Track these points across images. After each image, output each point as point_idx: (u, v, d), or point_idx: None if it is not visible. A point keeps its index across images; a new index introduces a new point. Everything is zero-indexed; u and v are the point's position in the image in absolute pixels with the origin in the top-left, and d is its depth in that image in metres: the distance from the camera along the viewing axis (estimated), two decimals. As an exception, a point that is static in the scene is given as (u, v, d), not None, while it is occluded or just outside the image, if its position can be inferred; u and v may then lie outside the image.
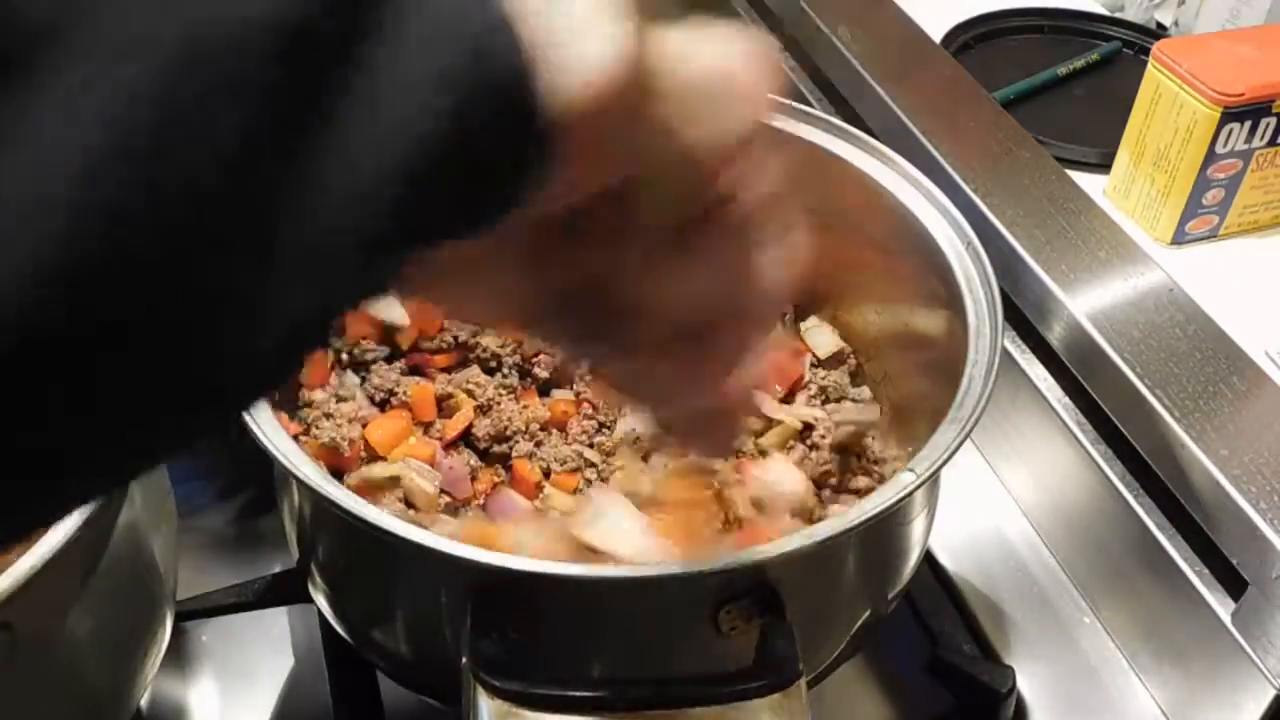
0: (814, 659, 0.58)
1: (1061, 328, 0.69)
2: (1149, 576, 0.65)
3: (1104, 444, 0.68)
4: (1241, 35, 0.87)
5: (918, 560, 0.60)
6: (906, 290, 0.68)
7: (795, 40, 1.00)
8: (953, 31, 0.97)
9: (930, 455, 0.51)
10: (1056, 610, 0.71)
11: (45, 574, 0.44)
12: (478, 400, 0.66)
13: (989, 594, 0.72)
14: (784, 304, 0.33)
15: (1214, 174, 0.75)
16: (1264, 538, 0.56)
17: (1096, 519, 0.69)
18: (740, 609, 0.49)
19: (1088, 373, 0.68)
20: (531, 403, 0.67)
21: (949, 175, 0.77)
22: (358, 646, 0.59)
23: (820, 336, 0.73)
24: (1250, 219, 0.79)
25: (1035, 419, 0.73)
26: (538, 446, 0.65)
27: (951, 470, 0.52)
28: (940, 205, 0.64)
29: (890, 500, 0.49)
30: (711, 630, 0.49)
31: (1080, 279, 0.70)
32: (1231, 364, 0.65)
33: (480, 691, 0.44)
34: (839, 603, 0.57)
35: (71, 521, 0.47)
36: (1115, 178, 0.81)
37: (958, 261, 0.61)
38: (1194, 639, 0.63)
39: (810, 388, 0.70)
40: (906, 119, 0.83)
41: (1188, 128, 0.74)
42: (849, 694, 0.66)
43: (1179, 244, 0.78)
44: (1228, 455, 0.59)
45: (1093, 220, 0.74)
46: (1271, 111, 0.73)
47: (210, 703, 0.66)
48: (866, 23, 0.94)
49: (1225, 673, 0.61)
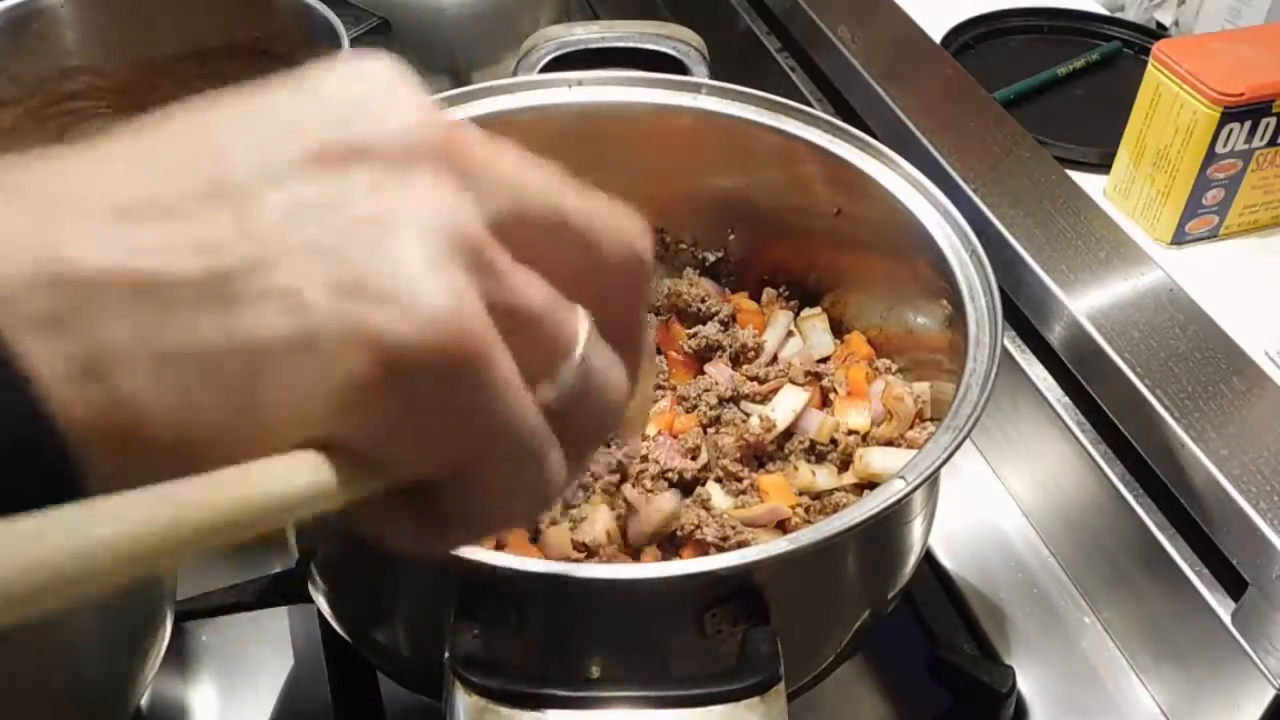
0: (812, 659, 0.58)
1: (1061, 328, 0.69)
2: (1149, 576, 0.65)
3: (1104, 444, 0.68)
4: (1241, 35, 0.87)
5: (917, 560, 0.60)
6: (906, 291, 0.68)
7: (795, 40, 1.00)
8: (953, 31, 0.97)
9: (923, 461, 0.51)
10: (1056, 610, 0.71)
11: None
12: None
13: (989, 594, 0.72)
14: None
15: (1214, 174, 0.75)
16: (1264, 538, 0.56)
17: (1096, 519, 0.69)
18: (726, 612, 0.49)
19: (1088, 373, 0.68)
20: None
21: (949, 175, 0.77)
22: (357, 646, 0.59)
23: (818, 335, 0.73)
24: (1250, 219, 0.79)
25: (1035, 419, 0.73)
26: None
27: (951, 470, 0.52)
28: (941, 206, 0.64)
29: (879, 507, 0.49)
30: (697, 633, 0.49)
31: (1080, 279, 0.70)
32: (1231, 364, 0.64)
33: (457, 686, 0.44)
34: (835, 604, 0.57)
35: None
36: (1115, 178, 0.81)
37: (959, 265, 0.61)
38: (1194, 639, 0.63)
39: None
40: (906, 119, 0.83)
41: (1188, 128, 0.74)
42: (849, 694, 0.66)
43: (1179, 244, 0.78)
44: (1228, 455, 0.59)
45: (1093, 220, 0.74)
46: (1271, 111, 0.73)
47: (210, 703, 0.66)
48: (866, 23, 0.94)
49: (1225, 673, 0.61)
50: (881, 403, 0.67)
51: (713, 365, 0.71)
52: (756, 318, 0.75)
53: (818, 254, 0.74)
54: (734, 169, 0.74)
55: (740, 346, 0.71)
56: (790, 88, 0.99)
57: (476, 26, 1.04)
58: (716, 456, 0.65)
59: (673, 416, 0.68)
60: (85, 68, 0.90)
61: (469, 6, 1.03)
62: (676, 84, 0.72)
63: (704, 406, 0.68)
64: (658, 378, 0.72)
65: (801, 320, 0.74)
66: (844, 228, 0.71)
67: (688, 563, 0.51)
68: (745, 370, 0.71)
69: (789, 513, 0.62)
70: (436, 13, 1.02)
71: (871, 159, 0.67)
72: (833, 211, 0.71)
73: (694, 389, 0.69)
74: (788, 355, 0.72)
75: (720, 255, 0.78)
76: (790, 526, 0.62)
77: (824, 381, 0.70)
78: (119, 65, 0.91)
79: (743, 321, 0.74)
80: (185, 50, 0.92)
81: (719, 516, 0.62)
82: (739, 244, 0.77)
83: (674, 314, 0.75)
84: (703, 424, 0.68)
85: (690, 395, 0.69)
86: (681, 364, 0.72)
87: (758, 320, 0.74)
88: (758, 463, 0.66)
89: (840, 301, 0.74)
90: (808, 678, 0.58)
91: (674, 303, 0.75)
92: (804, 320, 0.74)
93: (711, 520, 0.61)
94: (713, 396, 0.68)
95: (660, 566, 0.50)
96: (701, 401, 0.68)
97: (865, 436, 0.67)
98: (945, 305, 0.62)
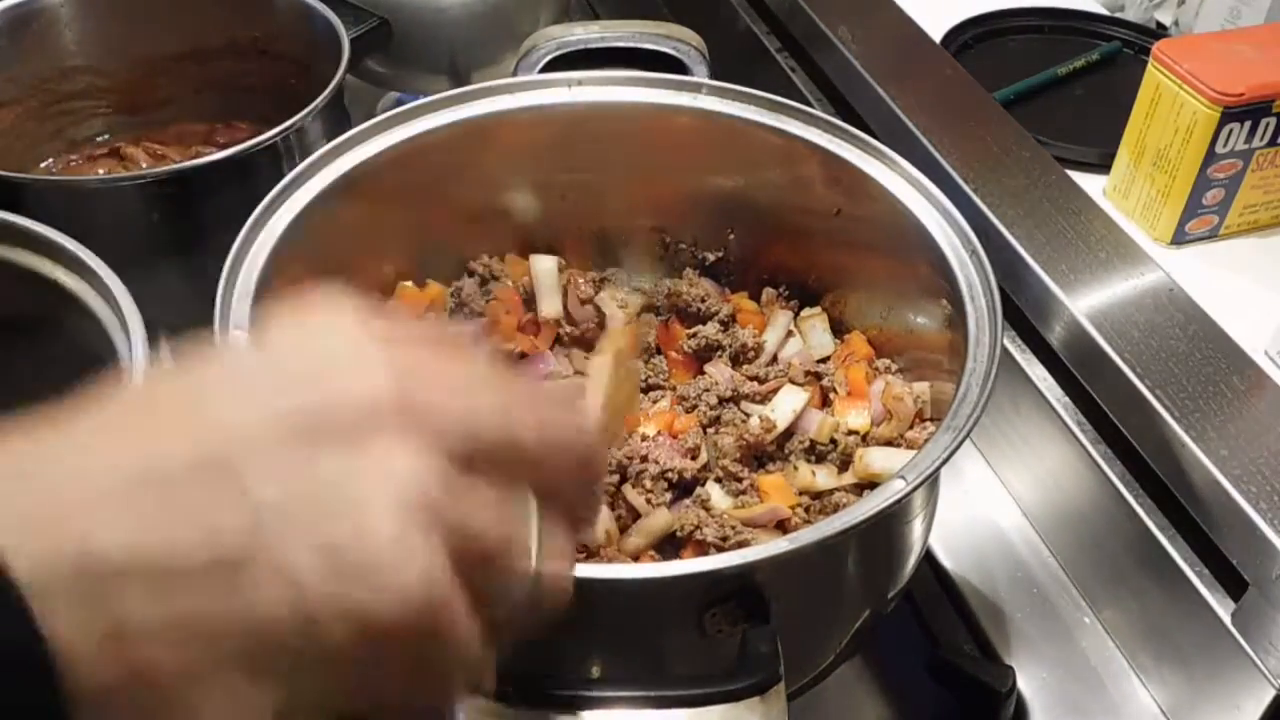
0: (812, 659, 0.58)
1: (1061, 328, 0.69)
2: (1149, 576, 0.65)
3: (1104, 444, 0.68)
4: (1241, 35, 0.86)
5: (917, 560, 0.60)
6: (906, 291, 0.68)
7: (795, 40, 1.00)
8: (953, 31, 0.97)
9: (923, 461, 0.51)
10: (1056, 610, 0.71)
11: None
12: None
13: (989, 594, 0.72)
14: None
15: (1214, 174, 0.75)
16: (1264, 538, 0.56)
17: (1096, 519, 0.69)
18: (726, 612, 0.49)
19: (1088, 373, 0.68)
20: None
21: (949, 175, 0.77)
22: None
23: (818, 335, 0.73)
24: (1250, 219, 0.79)
25: (1035, 419, 0.73)
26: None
27: (951, 470, 0.52)
28: (941, 206, 0.64)
29: (879, 507, 0.49)
30: (697, 633, 0.49)
31: (1080, 279, 0.70)
32: (1231, 364, 0.64)
33: None
34: (835, 604, 0.57)
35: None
36: (1115, 178, 0.81)
37: (959, 265, 0.61)
38: (1194, 639, 0.63)
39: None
40: (906, 119, 0.83)
41: (1188, 128, 0.74)
42: (849, 694, 0.66)
43: (1179, 244, 0.78)
44: (1228, 455, 0.59)
45: (1093, 220, 0.74)
46: (1271, 111, 0.73)
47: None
48: (866, 23, 0.94)
49: (1225, 673, 0.61)
50: (881, 403, 0.67)
51: (712, 365, 0.71)
52: (756, 318, 0.75)
53: (818, 254, 0.74)
54: (734, 169, 0.74)
55: (740, 346, 0.71)
56: (790, 88, 0.99)
57: (476, 26, 1.04)
58: (716, 457, 0.65)
59: (673, 416, 0.68)
60: (85, 68, 0.90)
61: (469, 6, 1.03)
62: (676, 84, 0.72)
63: (704, 406, 0.68)
64: (658, 377, 0.72)
65: (802, 320, 0.74)
66: (844, 228, 0.71)
67: (687, 563, 0.51)
68: (745, 370, 0.71)
69: (789, 513, 0.62)
70: (436, 13, 1.02)
71: (871, 159, 0.67)
72: (833, 211, 0.71)
73: (694, 389, 0.69)
74: (788, 355, 0.72)
75: (720, 255, 0.78)
76: (790, 526, 0.62)
77: (824, 381, 0.70)
78: (119, 65, 0.91)
79: (743, 321, 0.74)
80: (185, 50, 0.92)
81: (719, 517, 0.62)
82: (739, 244, 0.77)
83: (674, 314, 0.75)
84: (702, 424, 0.68)
85: (690, 395, 0.69)
86: (681, 364, 0.72)
87: (758, 320, 0.74)
88: (757, 463, 0.66)
89: (840, 301, 0.74)
90: (808, 678, 0.58)
91: (674, 303, 0.75)
92: (804, 320, 0.74)
93: (711, 520, 0.61)
94: (712, 396, 0.68)
95: (660, 567, 0.50)
96: (701, 401, 0.68)
97: (865, 436, 0.67)
98: (945, 305, 0.62)
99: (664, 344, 0.74)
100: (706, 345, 0.72)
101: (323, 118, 0.78)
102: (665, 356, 0.73)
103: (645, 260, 0.79)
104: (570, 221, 0.77)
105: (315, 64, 0.84)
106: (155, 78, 0.92)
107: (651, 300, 0.77)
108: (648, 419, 0.68)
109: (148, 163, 0.89)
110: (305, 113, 0.76)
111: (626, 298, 0.76)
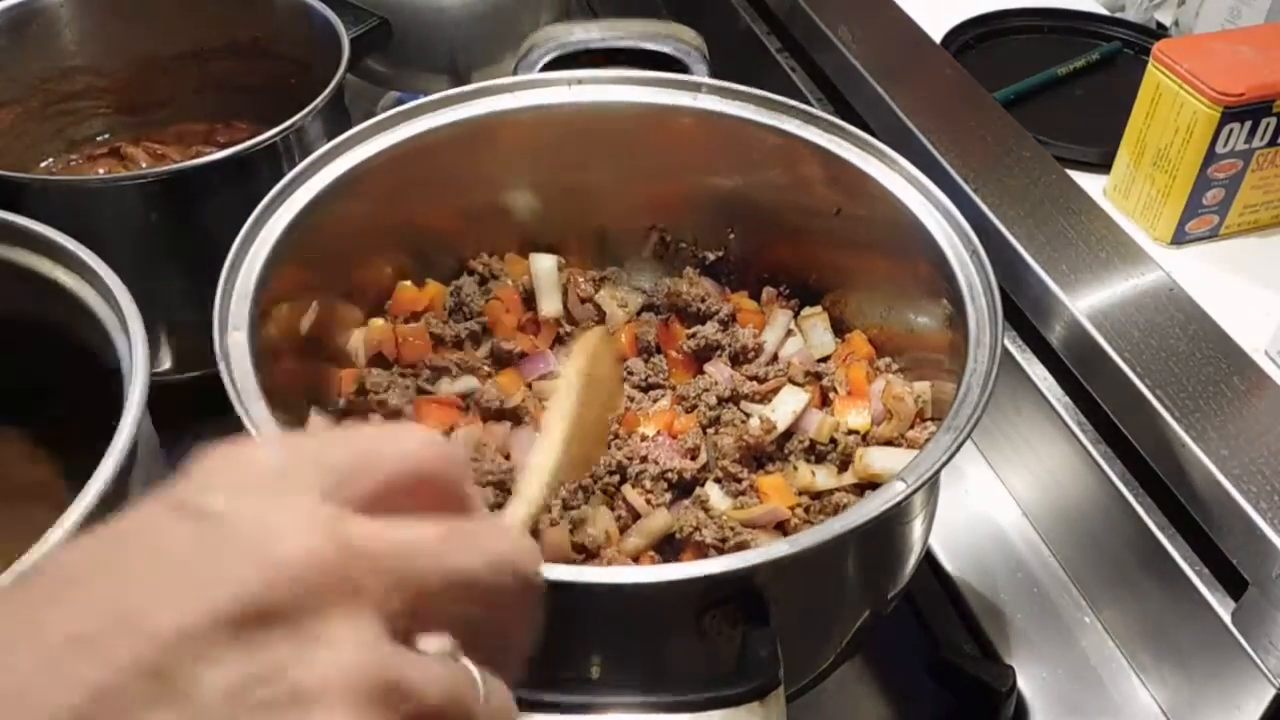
0: (812, 659, 0.58)
1: (1061, 328, 0.69)
2: (1149, 576, 0.65)
3: (1104, 444, 0.68)
4: (1241, 35, 0.86)
5: (917, 560, 0.60)
6: (906, 291, 0.68)
7: (795, 40, 1.00)
8: (953, 31, 0.97)
9: (924, 462, 0.51)
10: (1056, 610, 0.71)
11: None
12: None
13: (989, 594, 0.72)
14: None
15: (1214, 174, 0.75)
16: (1264, 538, 0.56)
17: (1096, 519, 0.69)
18: (724, 614, 0.49)
19: (1088, 373, 0.68)
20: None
21: (949, 175, 0.77)
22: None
23: (818, 335, 0.73)
24: (1250, 219, 0.79)
25: (1036, 419, 0.73)
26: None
27: (951, 470, 0.52)
28: (941, 205, 0.64)
29: (879, 509, 0.49)
30: (695, 635, 0.49)
31: (1080, 279, 0.70)
32: (1231, 364, 0.64)
33: None
34: (835, 605, 0.57)
35: (72, 519, 0.47)
36: (1115, 178, 0.81)
37: (959, 265, 0.61)
38: (1194, 639, 0.63)
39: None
40: (906, 119, 0.83)
41: (1188, 128, 0.74)
42: (849, 694, 0.66)
43: (1179, 244, 0.78)
44: (1228, 455, 0.59)
45: (1093, 220, 0.74)
46: (1271, 111, 0.73)
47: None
48: (866, 23, 0.94)
49: (1225, 672, 0.61)
50: (882, 402, 0.67)
51: (712, 365, 0.71)
52: (756, 317, 0.75)
53: (818, 253, 0.74)
54: (734, 168, 0.74)
55: (740, 346, 0.71)
56: (790, 88, 0.99)
57: (476, 26, 1.04)
58: (716, 457, 0.65)
59: (672, 416, 0.68)
60: (85, 68, 0.90)
61: (469, 6, 1.03)
62: (676, 84, 0.72)
63: (703, 407, 0.68)
64: (658, 377, 0.72)
65: (802, 319, 0.74)
66: (844, 227, 0.71)
67: (686, 566, 0.51)
68: (745, 370, 0.71)
69: (788, 514, 0.62)
70: (436, 13, 1.02)
71: (872, 159, 0.67)
72: (833, 211, 0.71)
73: (694, 389, 0.69)
74: (788, 354, 0.72)
75: (720, 255, 0.78)
76: (790, 528, 0.62)
77: (824, 381, 0.70)
78: (119, 65, 0.91)
79: (743, 321, 0.74)
80: (185, 50, 0.92)
81: (718, 517, 0.62)
82: (739, 243, 0.77)
83: (674, 313, 0.75)
84: (702, 424, 0.67)
85: (690, 395, 0.69)
86: (681, 364, 0.72)
87: (757, 320, 0.74)
88: (757, 463, 0.66)
89: (840, 301, 0.74)
90: (808, 678, 0.58)
91: (674, 302, 0.75)
92: (805, 319, 0.74)
93: (711, 522, 0.61)
94: (712, 396, 0.68)
95: (659, 570, 0.50)
96: (701, 401, 0.68)
97: (865, 436, 0.67)
98: (946, 305, 0.62)
99: (664, 343, 0.74)
100: (706, 345, 0.72)
101: (323, 117, 0.78)
102: (665, 356, 0.73)
103: (645, 260, 0.79)
104: (570, 221, 0.77)
105: (315, 64, 0.84)
106: (155, 78, 0.92)
107: (651, 299, 0.77)
108: (647, 419, 0.68)
109: (148, 163, 0.89)
110: (305, 112, 0.76)
111: (626, 297, 0.76)
